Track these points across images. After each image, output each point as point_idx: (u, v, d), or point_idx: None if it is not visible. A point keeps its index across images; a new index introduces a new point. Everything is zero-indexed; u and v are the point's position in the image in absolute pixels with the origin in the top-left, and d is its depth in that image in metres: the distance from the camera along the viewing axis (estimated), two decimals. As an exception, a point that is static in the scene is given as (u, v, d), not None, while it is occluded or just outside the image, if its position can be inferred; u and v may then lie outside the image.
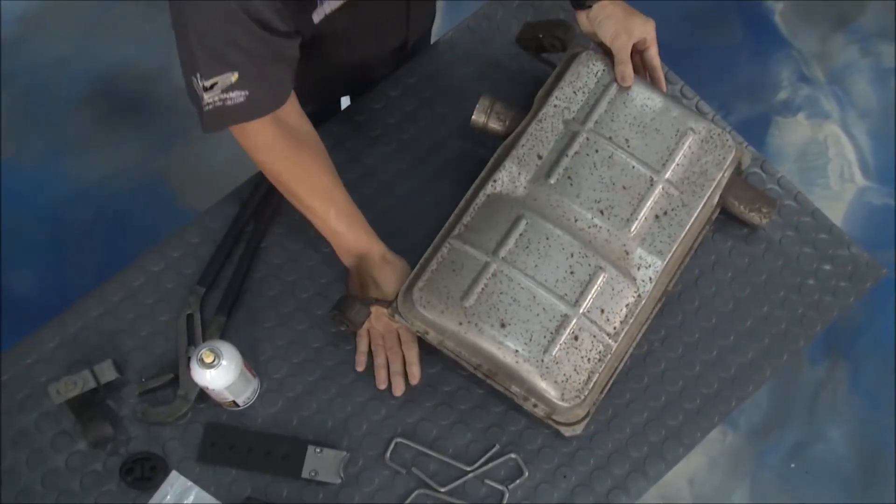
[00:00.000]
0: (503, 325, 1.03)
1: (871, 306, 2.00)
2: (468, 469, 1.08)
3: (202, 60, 0.92)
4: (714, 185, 1.12)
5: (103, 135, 2.15)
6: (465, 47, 1.31)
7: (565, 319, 1.03)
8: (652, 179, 1.10)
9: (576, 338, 1.03)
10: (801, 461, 1.90)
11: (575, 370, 1.03)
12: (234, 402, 1.07)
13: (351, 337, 1.13)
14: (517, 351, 1.02)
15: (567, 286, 1.05)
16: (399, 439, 1.09)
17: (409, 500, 1.06)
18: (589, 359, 1.04)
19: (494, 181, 1.11)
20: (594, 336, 1.04)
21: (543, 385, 1.02)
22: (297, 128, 1.06)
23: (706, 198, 1.11)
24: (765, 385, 1.16)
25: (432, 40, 1.35)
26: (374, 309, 1.08)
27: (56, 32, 2.26)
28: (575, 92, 1.14)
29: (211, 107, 0.95)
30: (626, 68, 1.13)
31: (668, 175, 1.11)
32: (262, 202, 1.19)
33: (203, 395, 1.07)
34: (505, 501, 1.07)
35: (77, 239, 2.03)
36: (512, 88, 1.27)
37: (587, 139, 1.11)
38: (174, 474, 1.06)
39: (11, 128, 2.15)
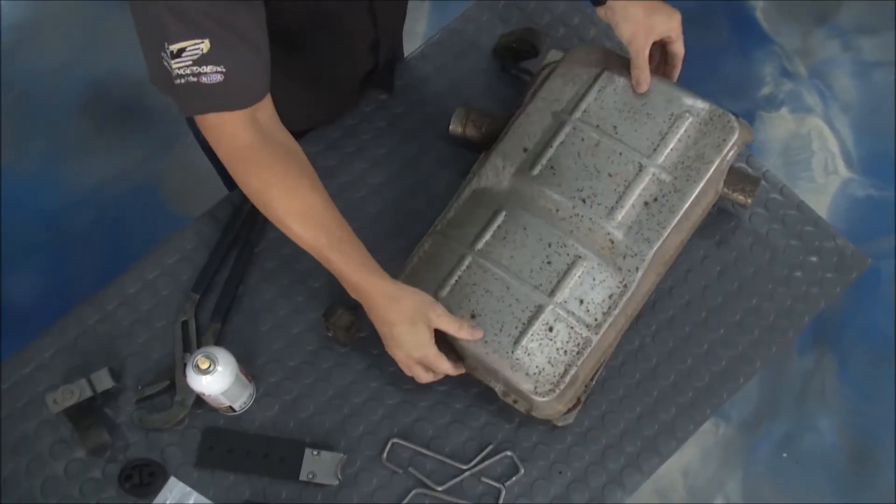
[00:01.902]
0: (473, 316, 1.03)
1: (856, 297, 2.03)
2: (465, 467, 1.09)
3: (171, 25, 0.84)
4: (713, 169, 1.08)
5: (99, 141, 2.15)
6: (452, 50, 1.32)
7: (539, 310, 1.02)
8: (640, 165, 1.07)
9: (550, 329, 1.02)
10: (792, 451, 1.92)
11: (549, 363, 1.01)
12: (230, 407, 1.08)
13: (339, 343, 1.14)
14: (486, 342, 1.01)
15: (543, 276, 1.03)
16: (396, 440, 1.10)
17: (406, 500, 1.07)
18: (566, 351, 1.02)
19: (479, 176, 1.11)
20: (571, 328, 1.02)
21: (515, 377, 1.01)
22: (281, 140, 0.97)
23: (703, 182, 1.07)
24: (755, 377, 1.18)
25: (420, 41, 1.36)
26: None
27: (52, 40, 2.26)
28: (565, 84, 1.13)
29: (183, 81, 0.86)
30: (640, 73, 1.09)
31: (660, 160, 1.07)
32: (255, 207, 1.19)
33: (200, 400, 1.08)
34: (502, 498, 1.08)
35: (74, 245, 2.04)
36: (496, 92, 1.28)
37: (573, 129, 1.10)
38: (173, 480, 1.07)
39: (8, 134, 2.15)
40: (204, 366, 0.99)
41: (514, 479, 1.09)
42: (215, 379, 1.00)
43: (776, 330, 1.18)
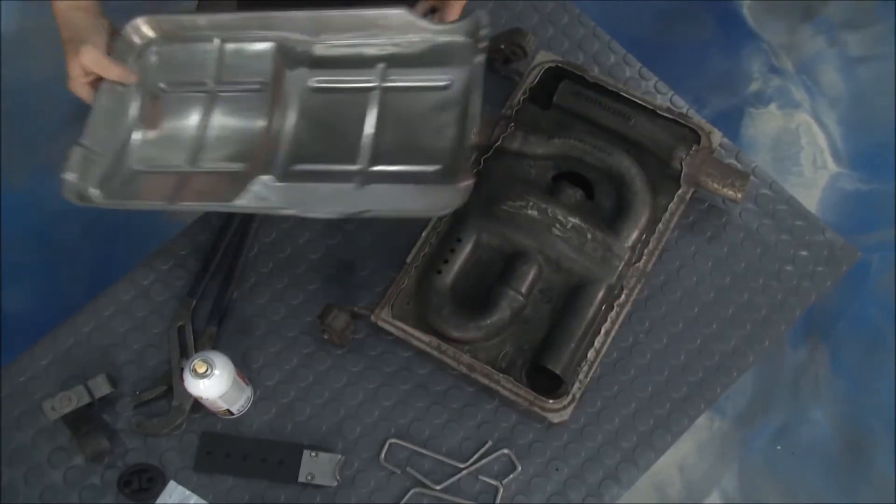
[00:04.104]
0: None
1: (847, 289, 2.04)
2: (462, 466, 1.10)
3: None
4: None
5: (87, 152, 2.15)
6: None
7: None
8: None
9: None
10: (787, 443, 1.94)
11: None
12: (228, 410, 1.08)
13: (335, 344, 1.14)
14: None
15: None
16: (393, 440, 1.11)
17: (405, 500, 1.08)
18: None
19: None
20: None
21: None
22: None
23: None
24: (749, 371, 1.19)
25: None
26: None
27: (39, 54, 2.25)
28: None
29: None
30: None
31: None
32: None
33: (197, 404, 1.08)
34: (499, 496, 1.09)
35: (65, 256, 2.03)
36: (486, 94, 1.29)
37: None
38: (172, 484, 1.08)
39: (-1, 146, 2.15)
40: (201, 370, 0.99)
41: (511, 476, 1.10)
42: (213, 383, 1.01)
43: (769, 323, 1.19)
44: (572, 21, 1.35)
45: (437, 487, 1.09)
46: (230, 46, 1.16)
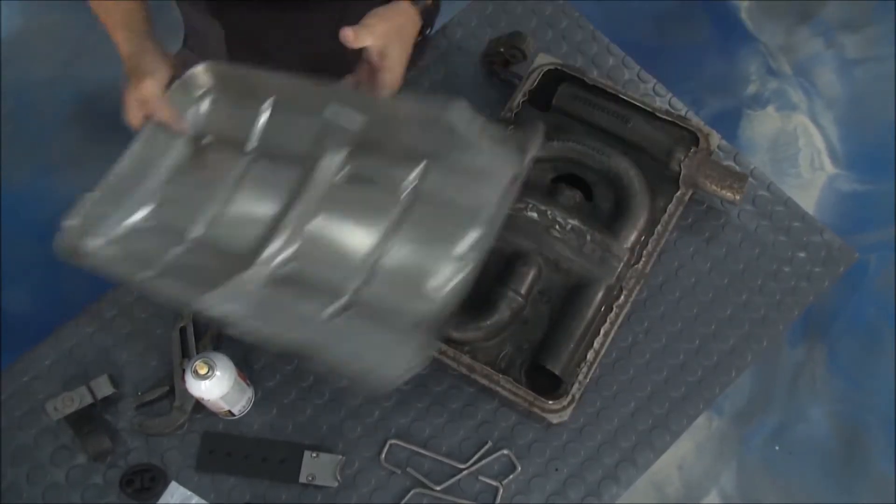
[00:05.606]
0: None
1: (844, 289, 2.05)
2: (462, 466, 1.11)
3: None
4: None
5: (90, 153, 2.15)
6: (441, 55, 1.34)
7: None
8: None
9: None
10: (785, 442, 1.94)
11: None
12: (229, 411, 1.09)
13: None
14: None
15: None
16: (393, 440, 1.12)
17: (405, 500, 1.09)
18: None
19: None
20: None
21: None
22: None
23: None
24: (747, 370, 1.19)
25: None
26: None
27: (40, 55, 2.26)
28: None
29: None
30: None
31: None
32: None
33: (199, 405, 1.09)
34: (499, 497, 1.10)
35: (69, 257, 2.04)
36: (485, 96, 1.30)
37: None
38: (174, 484, 1.08)
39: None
40: (202, 371, 1.00)
41: (511, 476, 1.11)
42: (214, 384, 1.01)
43: (767, 323, 1.20)
44: (571, 24, 1.35)
45: (438, 488, 1.09)
46: (279, 116, 1.02)
